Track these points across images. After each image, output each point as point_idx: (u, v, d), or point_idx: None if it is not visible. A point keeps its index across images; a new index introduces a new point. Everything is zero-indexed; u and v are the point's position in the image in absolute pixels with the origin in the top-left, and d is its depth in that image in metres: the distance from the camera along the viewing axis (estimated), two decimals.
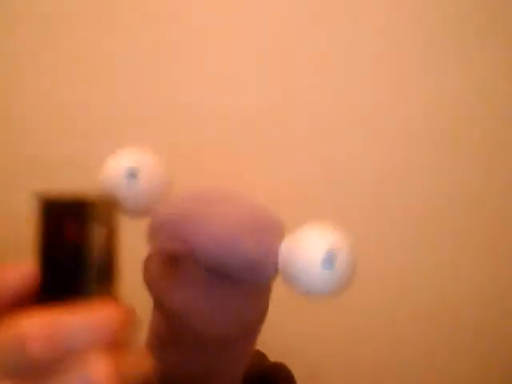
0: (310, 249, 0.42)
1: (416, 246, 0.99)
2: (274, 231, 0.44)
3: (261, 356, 0.58)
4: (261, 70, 0.97)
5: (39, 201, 0.37)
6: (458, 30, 0.96)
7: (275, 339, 0.53)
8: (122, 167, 0.45)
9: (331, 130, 0.98)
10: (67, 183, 1.02)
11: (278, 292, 0.50)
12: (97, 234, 0.37)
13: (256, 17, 0.97)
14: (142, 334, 0.55)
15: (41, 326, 0.32)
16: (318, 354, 0.98)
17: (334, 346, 1.00)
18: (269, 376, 0.55)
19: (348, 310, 0.98)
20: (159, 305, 0.49)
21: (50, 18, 0.97)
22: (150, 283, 0.49)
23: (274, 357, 0.59)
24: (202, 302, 0.45)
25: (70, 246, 0.36)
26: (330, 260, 0.42)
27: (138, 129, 0.96)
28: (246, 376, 0.51)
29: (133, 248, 0.50)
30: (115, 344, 0.33)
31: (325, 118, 0.97)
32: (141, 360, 0.35)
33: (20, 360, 0.31)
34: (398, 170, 0.98)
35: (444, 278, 0.99)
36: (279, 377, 0.56)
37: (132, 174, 0.45)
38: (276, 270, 0.44)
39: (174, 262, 0.47)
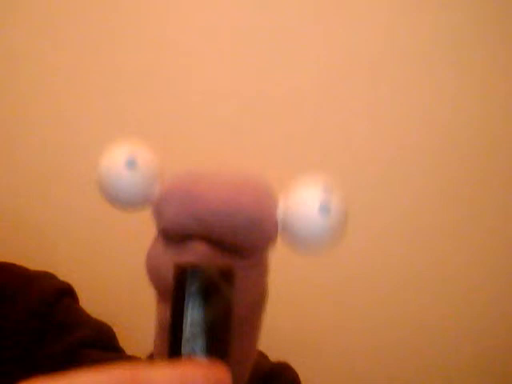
0: (306, 200, 0.46)
1: (414, 245, 0.99)
2: (270, 192, 0.47)
3: (261, 356, 0.58)
4: (260, 67, 0.97)
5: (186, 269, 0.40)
6: (459, 29, 0.97)
7: (272, 338, 0.53)
8: (121, 157, 0.47)
9: (331, 130, 0.98)
10: (67, 184, 1.02)
11: (275, 291, 0.51)
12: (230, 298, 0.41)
13: (257, 14, 0.97)
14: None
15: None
16: (314, 354, 0.99)
17: (331, 345, 1.00)
18: (273, 376, 0.55)
19: (345, 311, 0.99)
20: (166, 294, 0.50)
21: (48, 18, 0.98)
22: (155, 272, 0.49)
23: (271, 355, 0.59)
24: None
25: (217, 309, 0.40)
26: (325, 207, 0.45)
27: (132, 127, 0.96)
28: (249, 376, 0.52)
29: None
30: None
31: (325, 116, 0.98)
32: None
33: None
34: (396, 169, 0.98)
35: (443, 277, 1.00)
36: (284, 377, 0.56)
37: (131, 163, 0.47)
38: (277, 228, 0.46)
39: (180, 242, 0.48)
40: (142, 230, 0.89)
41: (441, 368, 1.00)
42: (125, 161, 0.47)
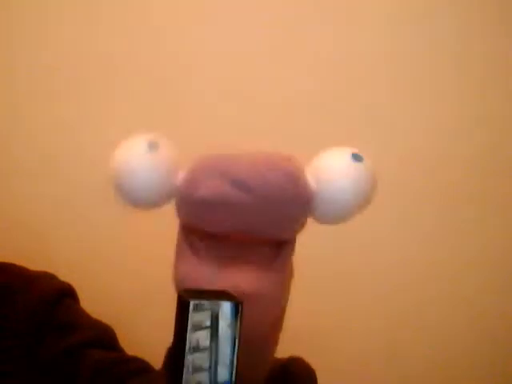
0: (337, 153, 0.47)
1: (416, 245, 0.99)
2: (293, 157, 0.47)
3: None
4: (262, 68, 0.97)
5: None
6: (459, 30, 0.97)
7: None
8: (143, 140, 0.46)
9: (331, 130, 0.98)
10: (68, 185, 1.01)
11: None
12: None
13: (260, 14, 0.97)
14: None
15: None
16: (317, 353, 0.99)
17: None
18: (288, 371, 0.54)
19: (349, 310, 0.99)
20: None
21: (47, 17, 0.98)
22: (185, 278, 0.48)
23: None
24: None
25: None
26: (357, 155, 0.46)
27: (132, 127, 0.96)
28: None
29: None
30: None
31: (325, 118, 0.98)
32: None
33: None
34: (397, 170, 0.98)
35: (445, 277, 0.99)
36: (299, 372, 0.56)
37: (153, 146, 0.46)
38: (311, 187, 0.46)
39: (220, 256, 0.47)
40: (143, 231, 0.90)
41: (445, 367, 1.00)
42: (146, 144, 0.45)
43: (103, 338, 0.69)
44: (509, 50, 0.97)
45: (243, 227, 0.45)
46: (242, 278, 0.46)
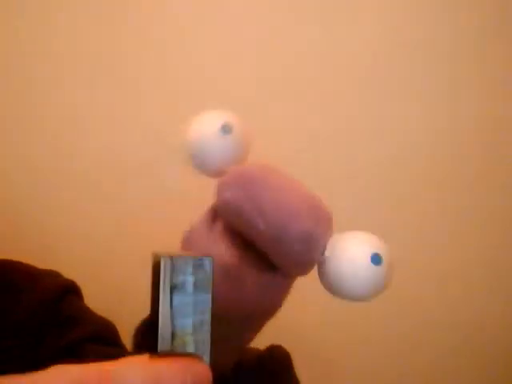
0: (360, 245, 0.45)
1: (417, 241, 1.00)
2: (328, 217, 0.46)
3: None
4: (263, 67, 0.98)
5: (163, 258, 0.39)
6: (458, 27, 0.97)
7: (272, 333, 0.54)
8: (218, 122, 0.47)
9: (331, 127, 0.98)
10: (69, 184, 1.01)
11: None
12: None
13: (259, 13, 0.98)
14: None
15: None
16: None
17: (346, 345, 1.00)
18: (264, 357, 0.55)
19: (345, 305, 0.99)
20: None
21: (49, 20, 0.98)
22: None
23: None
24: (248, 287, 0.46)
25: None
26: (377, 258, 0.44)
27: (136, 126, 0.96)
28: (241, 367, 0.52)
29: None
30: None
31: (324, 116, 0.98)
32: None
33: None
34: (397, 169, 0.99)
35: (444, 274, 1.00)
36: (275, 356, 0.56)
37: (227, 130, 0.47)
38: (323, 253, 0.45)
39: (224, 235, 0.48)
40: (146, 228, 0.90)
41: (445, 367, 1.00)
42: (221, 126, 0.47)
43: (104, 333, 0.69)
44: (507, 49, 0.97)
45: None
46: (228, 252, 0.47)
